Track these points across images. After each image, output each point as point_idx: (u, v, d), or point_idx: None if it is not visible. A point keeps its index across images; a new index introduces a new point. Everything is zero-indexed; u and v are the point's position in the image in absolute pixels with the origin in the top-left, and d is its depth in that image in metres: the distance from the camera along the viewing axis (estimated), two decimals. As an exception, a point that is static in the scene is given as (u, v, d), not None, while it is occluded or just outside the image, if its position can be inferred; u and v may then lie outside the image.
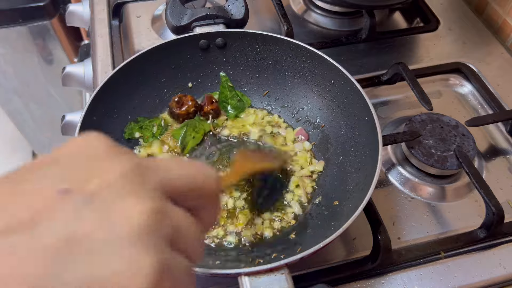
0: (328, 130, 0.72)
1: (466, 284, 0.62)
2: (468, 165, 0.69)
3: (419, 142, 0.73)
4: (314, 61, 0.71)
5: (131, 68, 0.68)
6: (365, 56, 0.92)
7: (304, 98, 0.75)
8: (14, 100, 1.60)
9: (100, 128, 0.65)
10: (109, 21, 0.96)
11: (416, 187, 0.72)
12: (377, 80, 0.85)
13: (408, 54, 0.93)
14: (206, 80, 0.76)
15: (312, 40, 0.94)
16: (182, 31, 0.74)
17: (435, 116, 0.77)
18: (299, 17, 1.01)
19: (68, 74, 0.92)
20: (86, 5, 1.03)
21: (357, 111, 0.66)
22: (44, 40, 1.44)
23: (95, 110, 0.64)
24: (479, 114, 0.84)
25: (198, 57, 0.74)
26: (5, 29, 1.36)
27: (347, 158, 0.67)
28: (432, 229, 0.68)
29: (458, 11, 1.02)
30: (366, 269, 0.62)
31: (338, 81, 0.69)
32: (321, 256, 0.63)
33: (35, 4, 1.34)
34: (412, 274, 0.63)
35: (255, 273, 0.49)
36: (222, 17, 0.74)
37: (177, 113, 0.72)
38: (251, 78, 0.77)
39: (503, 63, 0.92)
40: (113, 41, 0.93)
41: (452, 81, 0.89)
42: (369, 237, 0.63)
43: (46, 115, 1.68)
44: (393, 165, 0.75)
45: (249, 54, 0.75)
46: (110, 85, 0.66)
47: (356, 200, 0.56)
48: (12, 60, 1.47)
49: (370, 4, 0.90)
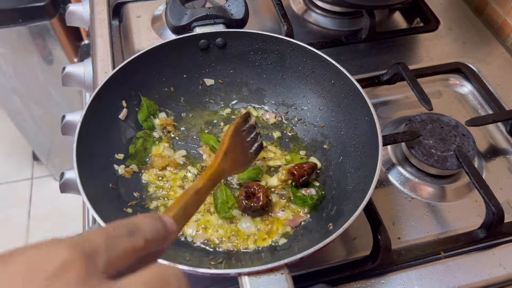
0: (328, 130, 0.72)
1: (466, 284, 0.62)
2: (468, 165, 0.69)
3: (419, 142, 0.73)
4: (314, 61, 0.71)
5: (131, 68, 0.68)
6: (365, 56, 0.92)
7: (304, 98, 0.75)
8: (14, 100, 1.60)
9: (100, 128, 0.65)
10: (109, 21, 0.96)
11: (416, 187, 0.72)
12: (377, 80, 0.85)
13: (408, 54, 0.93)
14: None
15: (312, 40, 0.94)
16: (182, 31, 0.74)
17: (435, 116, 0.77)
18: (299, 17, 1.01)
19: (68, 74, 0.92)
20: (86, 5, 1.03)
21: (357, 111, 0.66)
22: (44, 40, 1.44)
23: (95, 110, 0.64)
24: (479, 114, 0.84)
25: (198, 57, 0.74)
26: (5, 29, 1.36)
27: (347, 158, 0.67)
28: (432, 229, 0.68)
29: (458, 11, 1.02)
30: (366, 269, 0.62)
31: (338, 81, 0.69)
32: (321, 256, 0.63)
33: (35, 4, 1.34)
34: (412, 274, 0.63)
35: (255, 273, 0.49)
36: (222, 17, 0.74)
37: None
38: (251, 78, 0.77)
39: (503, 63, 0.92)
40: (113, 41, 0.93)
41: (452, 81, 0.89)
42: (369, 237, 0.63)
43: (46, 115, 1.68)
44: (393, 165, 0.75)
45: (249, 54, 0.75)
46: (110, 85, 0.66)
47: (356, 200, 0.56)
48: (12, 60, 1.47)
49: (370, 4, 0.90)
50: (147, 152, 0.70)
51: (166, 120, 0.73)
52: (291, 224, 0.63)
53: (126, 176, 0.66)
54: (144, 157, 0.70)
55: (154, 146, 0.71)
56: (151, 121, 0.72)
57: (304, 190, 0.66)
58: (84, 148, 0.59)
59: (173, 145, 0.73)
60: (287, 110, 0.76)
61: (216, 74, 0.76)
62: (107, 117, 0.67)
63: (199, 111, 0.77)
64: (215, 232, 0.62)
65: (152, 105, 0.73)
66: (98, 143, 0.64)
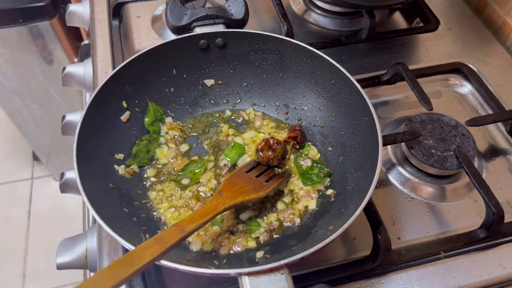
0: (328, 130, 0.72)
1: (466, 284, 0.62)
2: (468, 165, 0.69)
3: (419, 142, 0.73)
4: (314, 61, 0.71)
5: (131, 68, 0.68)
6: (365, 56, 0.92)
7: (304, 98, 0.75)
8: (14, 100, 1.60)
9: (100, 128, 0.65)
10: (109, 21, 0.96)
11: (416, 187, 0.72)
12: (377, 80, 0.85)
13: (408, 54, 0.93)
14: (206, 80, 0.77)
15: (312, 40, 0.94)
16: (182, 31, 0.74)
17: (435, 116, 0.77)
18: (299, 17, 1.01)
19: (68, 74, 0.93)
20: (86, 5, 1.03)
21: (357, 111, 0.66)
22: (44, 40, 1.44)
23: (95, 110, 0.64)
24: (479, 114, 0.84)
25: (198, 57, 0.74)
26: (5, 29, 1.36)
27: (347, 158, 0.67)
28: (432, 229, 0.68)
29: (458, 11, 1.02)
30: (366, 269, 0.62)
31: (338, 81, 0.69)
32: (321, 256, 0.63)
33: (35, 4, 1.35)
34: (412, 274, 0.63)
35: (255, 273, 0.49)
36: (222, 17, 0.74)
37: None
38: (251, 78, 0.77)
39: (503, 63, 0.92)
40: (113, 41, 0.93)
41: (452, 81, 0.89)
42: (369, 237, 0.63)
43: (46, 115, 1.69)
44: (393, 165, 0.75)
45: (249, 54, 0.75)
46: (110, 85, 0.66)
47: (356, 200, 0.56)
48: (12, 60, 1.47)
49: (370, 4, 0.90)
50: (149, 154, 0.70)
51: (172, 124, 0.73)
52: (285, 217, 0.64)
53: (126, 176, 0.66)
54: (145, 158, 0.70)
55: (158, 148, 0.71)
56: (157, 126, 0.73)
57: (302, 160, 0.69)
58: (84, 148, 0.59)
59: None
60: (287, 110, 0.76)
61: (216, 74, 0.76)
62: (107, 117, 0.67)
63: (199, 111, 0.77)
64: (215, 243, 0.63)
65: (159, 109, 0.73)
66: (98, 143, 0.64)
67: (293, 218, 0.64)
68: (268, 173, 0.67)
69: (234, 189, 0.61)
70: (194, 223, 0.53)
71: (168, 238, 0.50)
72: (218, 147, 0.72)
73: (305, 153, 0.71)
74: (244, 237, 0.62)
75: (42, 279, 1.81)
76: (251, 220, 0.64)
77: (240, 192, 0.61)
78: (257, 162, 0.68)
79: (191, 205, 0.65)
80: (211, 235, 0.62)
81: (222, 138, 0.74)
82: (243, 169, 0.66)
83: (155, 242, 0.49)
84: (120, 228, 0.53)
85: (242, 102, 0.78)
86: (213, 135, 0.74)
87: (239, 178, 0.64)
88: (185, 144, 0.73)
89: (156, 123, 0.73)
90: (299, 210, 0.65)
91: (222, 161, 0.71)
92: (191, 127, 0.75)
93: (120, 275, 0.44)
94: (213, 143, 0.73)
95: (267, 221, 0.64)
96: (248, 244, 0.61)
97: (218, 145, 0.73)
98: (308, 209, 0.65)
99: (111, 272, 0.44)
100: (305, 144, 0.72)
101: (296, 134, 0.71)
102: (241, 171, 0.66)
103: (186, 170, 0.69)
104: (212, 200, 0.58)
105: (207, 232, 0.62)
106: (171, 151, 0.71)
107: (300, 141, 0.71)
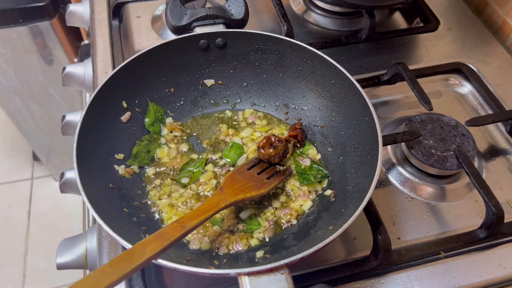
0: (328, 130, 0.72)
1: (466, 284, 0.62)
2: (468, 165, 0.69)
3: (419, 142, 0.73)
4: (314, 61, 0.71)
5: (131, 68, 0.68)
6: (365, 56, 0.92)
7: (304, 98, 0.75)
8: (14, 100, 1.60)
9: (100, 128, 0.65)
10: (109, 21, 0.96)
11: (416, 187, 0.72)
12: (377, 80, 0.85)
13: (408, 54, 0.93)
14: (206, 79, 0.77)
15: (312, 40, 0.94)
16: (182, 31, 0.74)
17: (435, 116, 0.77)
18: (299, 17, 1.01)
19: (68, 74, 0.93)
20: (86, 5, 1.03)
21: (357, 111, 0.66)
22: (44, 40, 1.44)
23: (95, 110, 0.64)
24: (479, 114, 0.84)
25: (198, 57, 0.74)
26: (5, 29, 1.36)
27: (347, 158, 0.67)
28: (432, 229, 0.68)
29: (458, 11, 1.02)
30: (366, 269, 0.62)
31: (338, 81, 0.69)
32: (321, 256, 0.63)
33: (35, 4, 1.35)
34: (412, 274, 0.63)
35: (255, 273, 0.49)
36: (222, 17, 0.74)
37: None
38: (251, 78, 0.77)
39: (503, 63, 0.92)
40: (113, 41, 0.93)
41: (452, 81, 0.89)
42: (369, 237, 0.63)
43: (46, 115, 1.69)
44: (393, 165, 0.75)
45: (249, 54, 0.75)
46: (110, 85, 0.66)
47: (356, 200, 0.56)
48: (12, 60, 1.47)
49: (370, 4, 0.90)
50: (150, 155, 0.70)
51: (173, 125, 0.73)
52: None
53: (126, 176, 0.66)
54: (146, 158, 0.70)
55: (158, 148, 0.71)
56: (158, 126, 0.73)
57: (301, 159, 0.70)
58: (84, 148, 0.59)
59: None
60: (287, 110, 0.76)
61: (216, 74, 0.76)
62: (107, 117, 0.67)
63: (199, 112, 0.77)
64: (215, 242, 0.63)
65: (160, 110, 0.73)
66: (98, 143, 0.64)
67: (290, 219, 0.64)
68: (270, 170, 0.67)
69: (236, 186, 0.62)
70: (195, 220, 0.53)
71: (169, 234, 0.50)
72: (218, 147, 0.73)
73: (305, 152, 0.71)
74: (244, 236, 0.62)
75: (42, 279, 1.81)
76: (251, 219, 0.64)
77: (242, 189, 0.61)
78: (258, 160, 0.68)
79: (191, 204, 0.65)
80: (211, 235, 0.62)
81: (222, 138, 0.74)
82: (245, 166, 0.66)
83: (156, 238, 0.49)
84: (120, 228, 0.53)
85: (242, 102, 0.78)
86: (213, 135, 0.74)
87: (240, 175, 0.64)
88: (185, 144, 0.73)
89: (156, 124, 0.73)
90: (296, 211, 0.65)
91: (222, 161, 0.71)
92: (191, 127, 0.75)
93: (121, 270, 0.44)
94: (213, 143, 0.73)
95: (266, 217, 0.64)
96: (248, 244, 0.61)
97: (218, 145, 0.73)
98: (304, 210, 0.65)
99: (112, 267, 0.44)
100: (305, 143, 0.72)
101: (297, 133, 0.71)
102: (242, 168, 0.66)
103: (185, 170, 0.69)
104: (214, 197, 0.59)
105: (207, 232, 0.62)
106: (172, 151, 0.71)
107: (301, 139, 0.71)
